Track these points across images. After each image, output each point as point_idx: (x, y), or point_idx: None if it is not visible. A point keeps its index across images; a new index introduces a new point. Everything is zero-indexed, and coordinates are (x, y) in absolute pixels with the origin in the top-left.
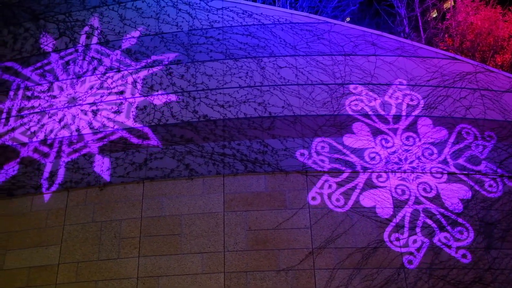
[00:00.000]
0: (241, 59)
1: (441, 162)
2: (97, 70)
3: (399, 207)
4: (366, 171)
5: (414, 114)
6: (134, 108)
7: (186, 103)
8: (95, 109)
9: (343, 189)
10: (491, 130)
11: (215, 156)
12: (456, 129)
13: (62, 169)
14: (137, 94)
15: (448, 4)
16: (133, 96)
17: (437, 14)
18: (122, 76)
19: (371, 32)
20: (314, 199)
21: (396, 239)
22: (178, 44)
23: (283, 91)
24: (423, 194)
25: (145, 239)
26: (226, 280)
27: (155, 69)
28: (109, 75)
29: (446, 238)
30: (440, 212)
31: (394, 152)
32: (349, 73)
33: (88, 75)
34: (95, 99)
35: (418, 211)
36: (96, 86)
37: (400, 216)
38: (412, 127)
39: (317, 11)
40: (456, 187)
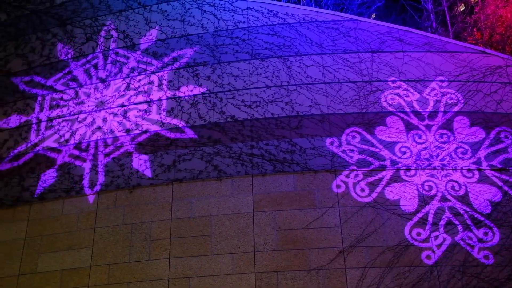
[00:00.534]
0: (267, 59)
1: (474, 163)
2: (122, 73)
3: (424, 204)
4: (395, 165)
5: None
6: (162, 110)
7: (213, 104)
8: (126, 109)
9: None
10: None
11: (243, 156)
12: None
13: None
14: (164, 96)
15: None
16: (159, 98)
17: (464, 8)
18: (147, 77)
19: (398, 28)
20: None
21: (425, 238)
22: (204, 45)
23: (310, 90)
24: (451, 192)
25: (175, 240)
26: (256, 280)
27: (182, 71)
28: (137, 78)
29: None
30: (466, 211)
31: (425, 148)
32: (376, 70)
33: (119, 77)
34: (123, 101)
35: (444, 209)
36: (123, 88)
37: (431, 214)
38: (447, 124)
39: (342, 9)
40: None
